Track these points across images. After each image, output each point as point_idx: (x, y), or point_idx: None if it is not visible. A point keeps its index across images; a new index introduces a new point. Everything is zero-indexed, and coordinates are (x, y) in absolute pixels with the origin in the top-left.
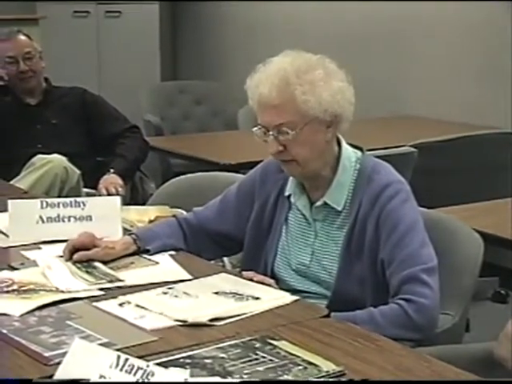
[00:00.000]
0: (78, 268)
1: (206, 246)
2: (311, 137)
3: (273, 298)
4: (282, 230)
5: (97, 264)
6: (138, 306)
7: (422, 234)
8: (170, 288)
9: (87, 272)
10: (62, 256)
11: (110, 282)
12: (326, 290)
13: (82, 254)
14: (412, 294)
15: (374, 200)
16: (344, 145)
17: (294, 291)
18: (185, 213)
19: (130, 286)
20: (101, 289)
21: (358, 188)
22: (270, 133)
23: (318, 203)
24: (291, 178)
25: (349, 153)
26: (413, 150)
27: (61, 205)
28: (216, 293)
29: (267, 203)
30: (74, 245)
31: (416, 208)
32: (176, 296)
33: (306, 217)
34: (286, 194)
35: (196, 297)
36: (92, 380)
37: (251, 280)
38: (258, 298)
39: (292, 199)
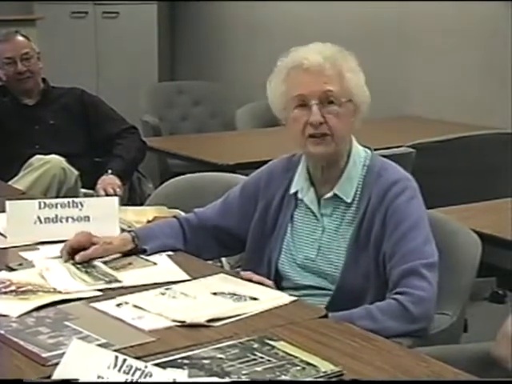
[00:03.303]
0: (78, 268)
1: (207, 244)
2: (347, 116)
3: (271, 298)
4: (287, 229)
5: (96, 263)
6: (135, 306)
7: (426, 231)
8: (167, 289)
9: (86, 272)
10: (60, 256)
11: (109, 282)
12: (330, 284)
13: (82, 254)
14: (409, 287)
15: (383, 195)
16: (354, 141)
17: (298, 287)
18: (182, 213)
19: (128, 287)
20: (99, 289)
21: (367, 183)
22: (314, 102)
23: (328, 195)
24: (297, 175)
25: (358, 149)
26: (410, 150)
27: (59, 205)
28: (214, 293)
29: (272, 203)
30: (71, 245)
31: (422, 205)
32: (174, 297)
33: (314, 212)
34: (293, 190)
35: (194, 297)
36: (90, 381)
37: (250, 280)
38: (256, 299)
39: (299, 195)
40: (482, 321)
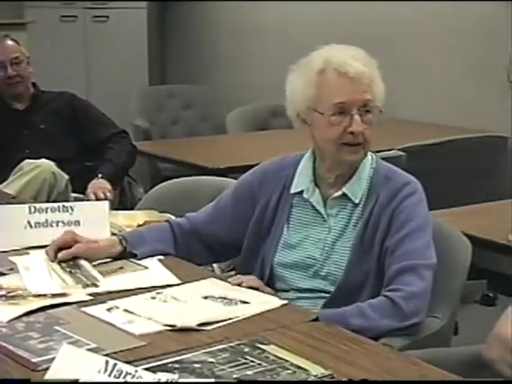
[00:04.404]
0: (62, 268)
1: (198, 250)
2: (373, 123)
3: (262, 301)
4: (283, 228)
5: (83, 263)
6: (126, 310)
7: (429, 235)
8: (158, 293)
9: (70, 272)
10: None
11: (86, 286)
12: (329, 285)
13: (65, 252)
14: (402, 284)
15: (393, 195)
16: None
17: (293, 288)
18: (173, 217)
19: (119, 291)
20: (89, 294)
21: (374, 184)
22: (355, 110)
23: (336, 194)
24: (299, 176)
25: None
26: (401, 153)
27: (49, 210)
28: (205, 297)
29: (269, 203)
30: (57, 244)
31: (427, 210)
32: (165, 301)
33: (321, 213)
34: (296, 190)
35: (185, 301)
36: None
37: (239, 285)
38: (246, 303)
39: (305, 195)
40: (472, 323)
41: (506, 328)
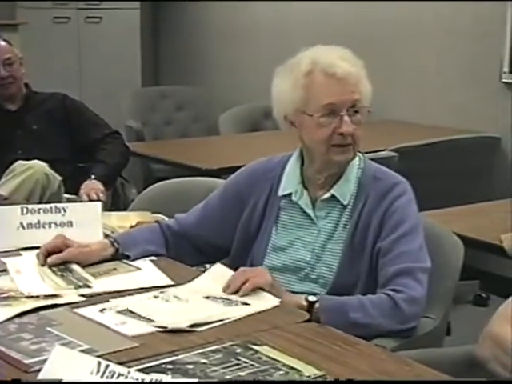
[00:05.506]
0: (53, 272)
1: (188, 252)
2: (362, 123)
3: (262, 303)
4: (271, 232)
5: (74, 267)
6: (119, 311)
7: (421, 236)
8: (162, 292)
9: (62, 276)
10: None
11: (78, 287)
12: (320, 288)
13: (55, 257)
14: (403, 286)
15: (383, 196)
16: None
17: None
18: (166, 218)
19: (112, 292)
20: (82, 295)
21: (362, 185)
22: (344, 111)
23: (325, 196)
24: (286, 178)
25: None
26: (393, 154)
27: (41, 211)
28: (206, 297)
29: (257, 205)
30: (47, 249)
31: (417, 210)
32: (167, 300)
33: (310, 215)
34: (284, 192)
35: (186, 301)
36: None
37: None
38: (247, 304)
39: (294, 197)
40: (465, 324)
41: (499, 327)
